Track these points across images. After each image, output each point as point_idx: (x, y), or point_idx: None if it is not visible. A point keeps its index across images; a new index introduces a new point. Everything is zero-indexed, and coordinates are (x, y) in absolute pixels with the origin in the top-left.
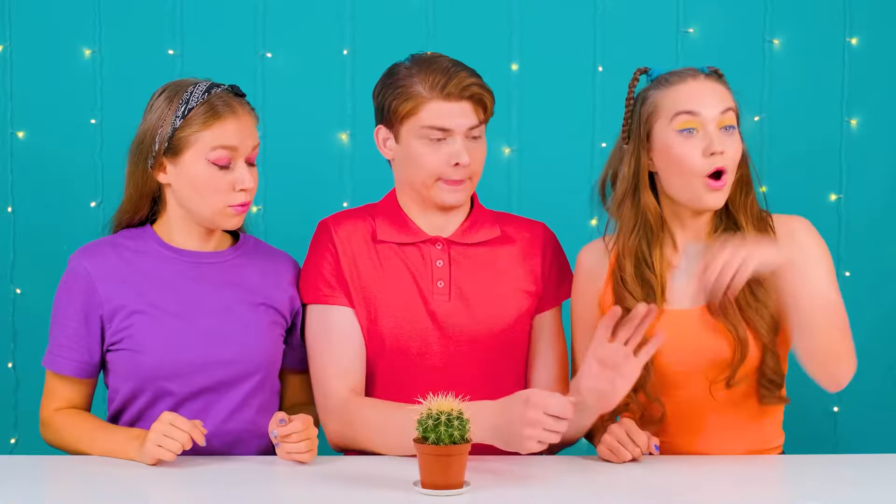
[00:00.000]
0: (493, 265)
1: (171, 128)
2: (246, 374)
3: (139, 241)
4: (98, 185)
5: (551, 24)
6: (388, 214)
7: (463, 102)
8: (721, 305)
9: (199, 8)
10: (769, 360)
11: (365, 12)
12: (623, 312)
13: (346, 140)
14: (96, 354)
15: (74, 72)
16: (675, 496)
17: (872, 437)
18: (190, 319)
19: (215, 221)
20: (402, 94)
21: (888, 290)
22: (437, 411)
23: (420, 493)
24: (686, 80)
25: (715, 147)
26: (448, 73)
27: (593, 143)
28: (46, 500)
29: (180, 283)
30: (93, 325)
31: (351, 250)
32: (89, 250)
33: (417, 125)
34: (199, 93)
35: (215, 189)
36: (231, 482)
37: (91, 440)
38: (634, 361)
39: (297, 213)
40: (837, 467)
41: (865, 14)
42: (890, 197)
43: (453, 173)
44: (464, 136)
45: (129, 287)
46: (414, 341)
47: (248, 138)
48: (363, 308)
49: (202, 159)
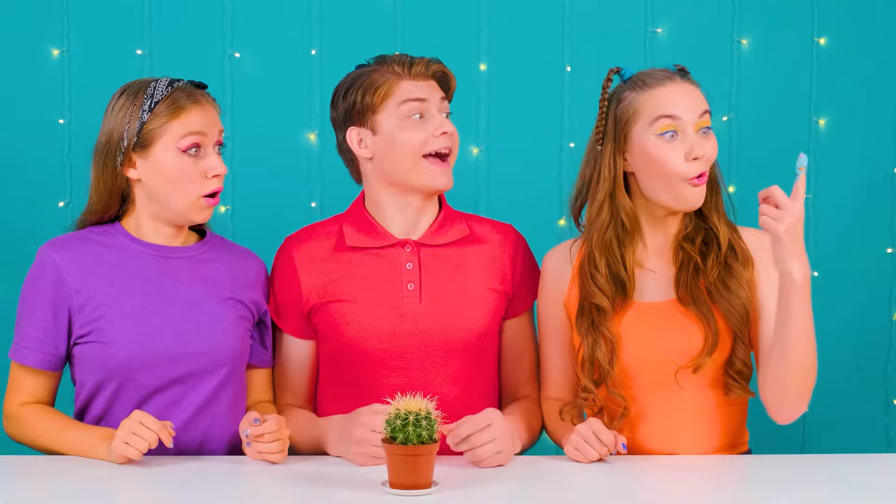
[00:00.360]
0: (464, 265)
1: (138, 122)
2: (214, 367)
3: (108, 235)
4: (66, 184)
5: (520, 24)
6: (355, 221)
7: (430, 81)
8: (693, 295)
9: (168, 8)
10: (739, 351)
11: (333, 12)
12: (590, 308)
13: (314, 140)
14: (62, 347)
15: (43, 72)
16: (642, 495)
17: (840, 437)
18: (159, 312)
19: (188, 215)
20: (371, 85)
21: (857, 291)
22: (406, 411)
23: (388, 494)
24: (664, 84)
25: (696, 152)
26: (409, 57)
27: (562, 144)
28: (14, 501)
29: (149, 276)
30: (60, 317)
31: (312, 265)
32: (58, 243)
33: (395, 105)
34: (163, 87)
35: (188, 178)
36: (201, 482)
37: (59, 438)
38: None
39: (265, 212)
40: (805, 467)
41: (834, 14)
42: (859, 197)
43: (439, 143)
44: (439, 113)
45: (98, 279)
46: (384, 344)
47: (215, 126)
48: (330, 317)
49: (172, 149)
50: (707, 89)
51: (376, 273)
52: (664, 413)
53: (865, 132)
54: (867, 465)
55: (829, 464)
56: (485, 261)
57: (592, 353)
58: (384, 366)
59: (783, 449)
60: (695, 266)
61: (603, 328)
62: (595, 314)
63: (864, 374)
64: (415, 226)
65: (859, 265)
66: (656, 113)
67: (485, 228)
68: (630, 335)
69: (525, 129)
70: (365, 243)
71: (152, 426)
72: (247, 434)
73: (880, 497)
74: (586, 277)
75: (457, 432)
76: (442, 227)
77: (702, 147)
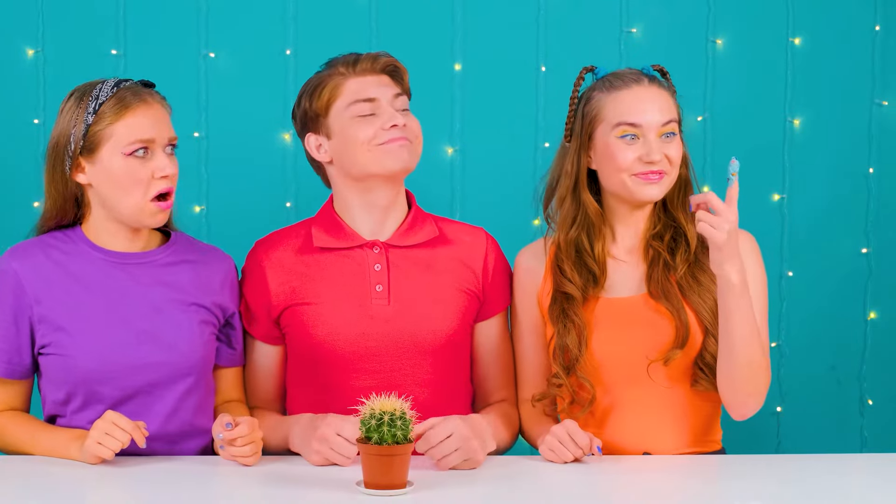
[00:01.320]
0: (433, 266)
1: (84, 125)
2: (178, 376)
3: (68, 242)
4: (40, 184)
5: (494, 24)
6: (323, 223)
7: (379, 76)
8: (664, 289)
9: (142, 8)
10: (710, 345)
11: (308, 13)
12: (561, 297)
13: (288, 140)
14: (27, 356)
15: (17, 72)
16: (616, 494)
17: (815, 437)
18: (120, 322)
19: (139, 220)
20: (318, 89)
21: (830, 290)
22: (381, 411)
23: (363, 494)
24: (630, 87)
25: (652, 157)
26: (354, 55)
27: (536, 144)
28: None
29: (109, 284)
30: (22, 326)
31: (281, 268)
32: (18, 251)
33: (343, 106)
34: (108, 88)
35: (136, 181)
36: (174, 482)
37: (32, 441)
38: None
39: (239, 212)
40: (780, 466)
41: (808, 14)
42: (832, 197)
43: (390, 135)
44: (392, 108)
45: (58, 289)
46: (353, 346)
47: (164, 128)
48: (299, 319)
49: (118, 154)
50: (682, 90)
51: (344, 275)
52: (635, 408)
53: (840, 132)
54: (842, 465)
55: (804, 464)
56: (455, 262)
57: (563, 340)
58: (353, 368)
59: (758, 449)
60: (664, 262)
61: (573, 315)
62: (565, 303)
63: (839, 374)
64: (382, 227)
65: (834, 265)
66: (617, 119)
67: (455, 230)
68: (601, 329)
69: (500, 129)
70: (333, 244)
71: (125, 426)
72: (220, 437)
73: (854, 497)
74: (556, 271)
75: (422, 442)
76: (411, 228)
77: (659, 152)
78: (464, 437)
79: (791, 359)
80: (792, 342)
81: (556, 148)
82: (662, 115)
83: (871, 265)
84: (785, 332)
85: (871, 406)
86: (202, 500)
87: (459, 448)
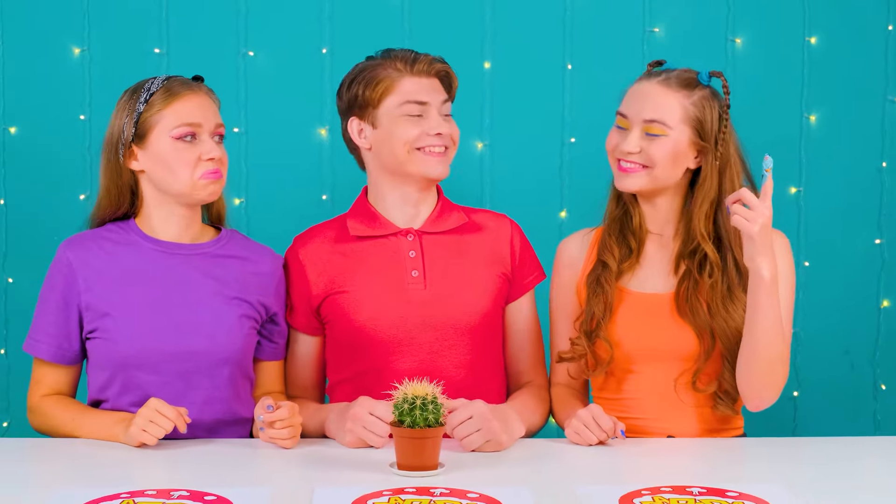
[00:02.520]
0: (465, 251)
1: (135, 114)
2: (215, 365)
3: (121, 233)
4: (87, 177)
5: (522, 24)
6: (358, 213)
7: (432, 79)
8: (692, 307)
9: (185, 8)
10: (727, 375)
11: (343, 12)
12: (599, 266)
13: (325, 135)
14: (75, 342)
15: (64, 69)
16: (640, 476)
17: (830, 420)
18: (162, 311)
19: (192, 195)
20: (373, 79)
21: (844, 279)
22: (413, 395)
23: (396, 475)
24: (640, 81)
25: (624, 147)
26: (413, 54)
27: (563, 139)
28: (37, 481)
29: (156, 274)
30: (71, 313)
31: (319, 258)
32: (73, 242)
33: (396, 103)
34: (159, 81)
35: (184, 162)
36: (214, 463)
37: (78, 424)
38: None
39: (278, 204)
40: (797, 449)
41: (824, 14)
42: (847, 190)
43: (433, 142)
44: (438, 112)
45: (107, 278)
46: (393, 330)
47: (211, 116)
48: (339, 307)
49: (166, 137)
50: None
51: (381, 262)
52: (659, 400)
53: (854, 127)
54: (856, 448)
55: (819, 446)
56: (484, 246)
57: (591, 307)
58: (394, 351)
59: (775, 432)
60: (694, 279)
61: (605, 283)
62: (601, 270)
63: (853, 359)
64: (415, 215)
65: (849, 255)
66: (619, 108)
67: (481, 217)
68: (626, 318)
69: (527, 124)
70: (368, 233)
71: (168, 413)
72: (261, 419)
73: (868, 477)
74: (601, 241)
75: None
76: (441, 215)
77: (635, 143)
78: (484, 418)
79: (807, 345)
80: (808, 329)
81: (582, 144)
82: (649, 111)
83: (884, 255)
84: (801, 320)
85: (884, 391)
86: (241, 480)
87: (481, 429)
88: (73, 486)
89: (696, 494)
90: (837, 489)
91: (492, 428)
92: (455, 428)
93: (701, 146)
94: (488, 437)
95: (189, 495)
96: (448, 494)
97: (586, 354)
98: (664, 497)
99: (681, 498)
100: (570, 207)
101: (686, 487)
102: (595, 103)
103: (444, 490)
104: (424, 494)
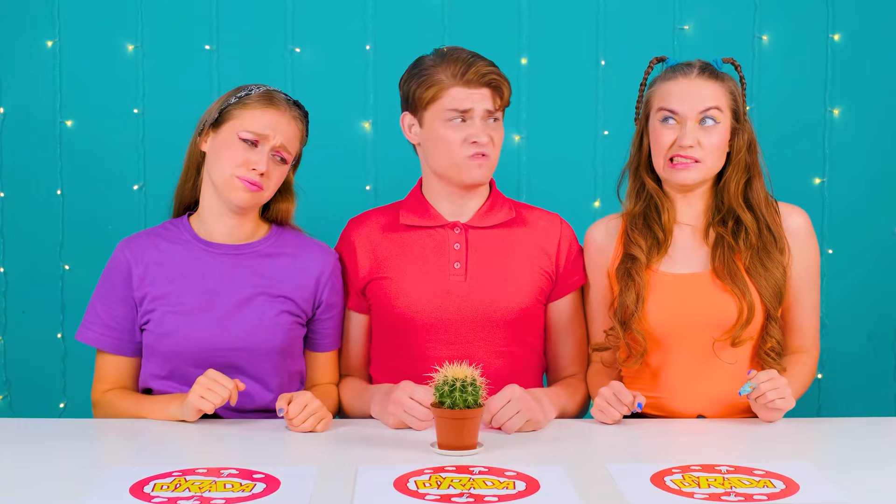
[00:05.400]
0: (510, 246)
1: (225, 104)
2: (256, 360)
3: (174, 232)
4: (140, 169)
5: (557, 22)
6: (410, 203)
7: (482, 89)
8: (729, 270)
9: (234, 7)
10: (772, 331)
11: (385, 10)
12: (627, 258)
13: (368, 128)
14: (124, 332)
15: (118, 65)
16: (670, 456)
17: (852, 402)
18: (207, 307)
19: (222, 192)
20: (425, 82)
21: (867, 266)
22: (453, 378)
23: (437, 454)
24: (677, 78)
25: (684, 141)
26: (468, 62)
27: (596, 132)
28: (90, 460)
29: (204, 272)
30: (129, 307)
31: (369, 241)
32: (130, 241)
33: (440, 109)
34: (264, 89)
35: (231, 157)
36: (257, 441)
37: (134, 410)
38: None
39: (323, 194)
40: (821, 429)
41: (847, 12)
42: (868, 180)
43: (470, 150)
44: (482, 119)
45: (158, 274)
46: (431, 318)
47: (278, 135)
48: (382, 291)
49: (234, 133)
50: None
51: (426, 252)
52: (692, 379)
53: (876, 121)
54: (878, 428)
55: (842, 426)
56: (530, 244)
57: (623, 298)
58: (431, 338)
59: (799, 413)
60: (728, 245)
61: (635, 275)
62: (630, 263)
63: (875, 343)
64: (463, 209)
65: (871, 243)
66: (660, 105)
67: (532, 214)
68: (659, 300)
69: (562, 118)
70: (417, 223)
71: (226, 383)
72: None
73: (890, 456)
74: (626, 235)
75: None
76: (490, 210)
77: (693, 137)
78: (522, 398)
79: (831, 330)
80: (832, 314)
81: (615, 136)
82: (702, 102)
83: None
84: (825, 305)
85: None
86: (288, 459)
87: (520, 410)
88: (125, 464)
89: (725, 473)
90: (861, 466)
91: (530, 407)
92: (495, 414)
93: (735, 127)
94: (528, 416)
95: (238, 473)
96: (486, 473)
97: (620, 343)
98: (694, 475)
99: (710, 476)
100: (604, 197)
101: (715, 466)
102: (627, 97)
103: (482, 468)
104: (464, 473)
